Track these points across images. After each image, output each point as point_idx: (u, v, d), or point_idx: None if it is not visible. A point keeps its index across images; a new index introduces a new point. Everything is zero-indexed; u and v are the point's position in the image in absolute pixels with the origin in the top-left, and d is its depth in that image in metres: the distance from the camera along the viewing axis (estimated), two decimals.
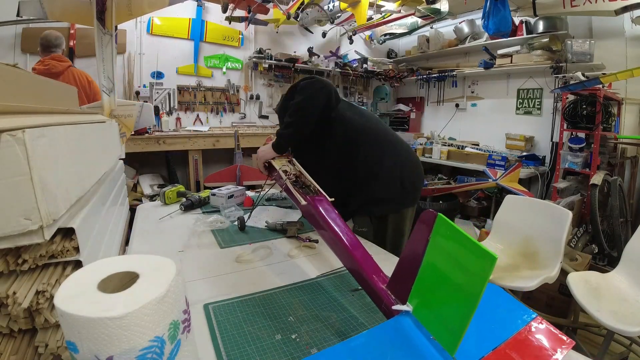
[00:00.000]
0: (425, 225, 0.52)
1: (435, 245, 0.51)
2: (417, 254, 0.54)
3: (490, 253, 0.42)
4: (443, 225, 0.50)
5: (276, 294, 0.87)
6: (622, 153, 3.08)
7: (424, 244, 0.52)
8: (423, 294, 0.54)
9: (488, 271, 0.42)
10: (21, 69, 0.87)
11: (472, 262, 0.44)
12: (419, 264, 0.54)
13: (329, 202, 0.96)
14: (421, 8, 3.44)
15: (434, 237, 0.51)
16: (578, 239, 2.51)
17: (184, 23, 3.87)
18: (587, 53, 2.99)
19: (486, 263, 0.42)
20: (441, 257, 0.51)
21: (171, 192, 1.65)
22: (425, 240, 0.52)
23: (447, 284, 0.49)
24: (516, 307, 0.60)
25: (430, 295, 0.53)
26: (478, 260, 0.43)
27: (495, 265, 0.42)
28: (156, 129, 3.59)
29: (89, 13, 1.79)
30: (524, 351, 0.51)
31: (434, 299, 0.52)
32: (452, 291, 0.48)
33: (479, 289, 0.43)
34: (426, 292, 0.54)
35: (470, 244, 0.45)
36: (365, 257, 0.74)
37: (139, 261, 0.48)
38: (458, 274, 0.47)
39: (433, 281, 0.52)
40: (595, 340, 1.89)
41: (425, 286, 0.54)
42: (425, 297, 0.54)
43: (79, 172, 0.79)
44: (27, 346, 0.61)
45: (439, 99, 4.60)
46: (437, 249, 0.51)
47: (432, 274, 0.52)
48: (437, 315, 0.51)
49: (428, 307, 0.53)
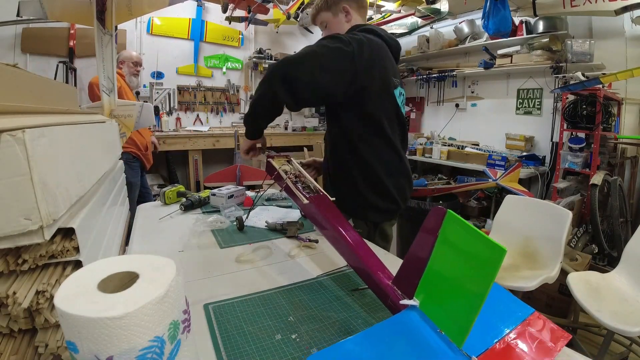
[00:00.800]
0: (434, 222, 0.54)
1: (444, 241, 0.53)
2: (425, 250, 0.55)
3: (499, 245, 0.43)
4: (453, 220, 0.51)
5: (276, 294, 0.87)
6: (622, 153, 3.08)
7: (432, 240, 0.54)
8: (430, 288, 0.56)
9: (498, 263, 0.43)
10: (21, 69, 0.87)
11: (481, 254, 0.46)
12: (426, 260, 0.55)
13: (330, 200, 0.96)
14: (421, 8, 3.44)
15: (443, 232, 0.52)
16: (578, 239, 2.51)
17: (184, 23, 3.88)
18: (587, 53, 2.99)
19: (496, 255, 0.44)
20: (450, 252, 0.52)
21: (171, 192, 1.65)
22: (434, 237, 0.53)
23: (455, 278, 0.51)
24: (515, 303, 0.61)
25: (438, 289, 0.55)
26: (488, 253, 0.45)
27: None
28: (156, 129, 3.59)
29: (89, 13, 1.79)
30: (525, 343, 0.53)
31: (442, 293, 0.54)
32: (460, 284, 0.50)
33: (488, 281, 0.44)
34: (433, 287, 0.55)
35: (480, 237, 0.46)
36: (369, 254, 0.75)
37: (139, 261, 0.48)
38: (467, 267, 0.49)
39: (441, 275, 0.54)
40: (595, 340, 1.89)
41: (433, 281, 0.55)
42: (433, 291, 0.55)
43: (79, 172, 0.79)
44: (27, 346, 0.61)
45: (439, 99, 4.60)
46: (445, 244, 0.53)
47: (440, 269, 0.54)
48: (445, 308, 0.52)
49: (435, 301, 0.55)
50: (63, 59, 3.27)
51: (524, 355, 0.51)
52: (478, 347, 0.51)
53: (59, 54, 3.29)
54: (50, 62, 3.22)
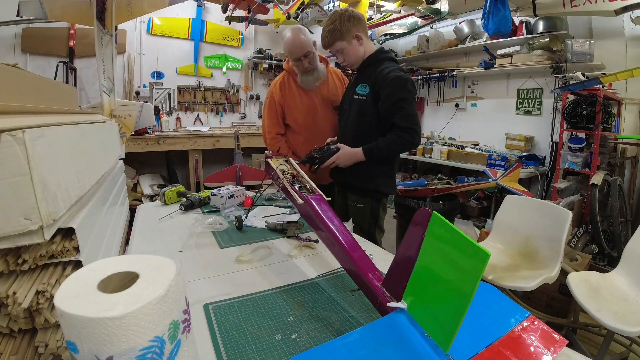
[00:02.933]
0: (420, 224, 0.53)
1: (430, 243, 0.52)
2: (411, 251, 0.54)
3: (483, 250, 0.42)
4: (437, 223, 0.50)
5: (276, 294, 0.87)
6: (622, 153, 3.08)
7: (418, 242, 0.53)
8: (418, 291, 0.55)
9: (481, 268, 0.42)
10: (21, 69, 0.87)
11: (465, 259, 0.45)
12: (413, 262, 0.54)
13: (325, 201, 0.96)
14: (421, 8, 3.44)
15: (429, 235, 0.52)
16: (578, 239, 2.51)
17: (184, 23, 3.88)
18: (587, 53, 2.99)
19: (479, 260, 0.43)
20: (436, 255, 0.51)
21: (171, 192, 1.65)
22: (420, 238, 0.53)
23: (441, 281, 0.50)
24: (510, 306, 0.60)
25: (425, 292, 0.54)
26: (471, 258, 0.44)
27: (495, 265, 0.42)
28: (156, 129, 3.59)
29: (89, 13, 1.79)
30: (516, 349, 0.52)
31: (429, 296, 0.53)
32: (445, 288, 0.49)
33: (472, 286, 0.43)
34: (421, 290, 0.54)
35: (463, 241, 0.45)
36: (360, 256, 0.75)
37: (139, 261, 0.48)
38: (452, 271, 0.48)
39: (427, 278, 0.53)
40: (595, 340, 1.89)
41: (420, 283, 0.54)
42: (420, 294, 0.54)
43: (79, 172, 0.79)
44: (27, 346, 0.61)
45: (439, 99, 4.60)
46: (431, 247, 0.52)
47: (427, 272, 0.53)
48: (431, 312, 0.51)
49: (422, 304, 0.54)
50: (63, 59, 3.27)
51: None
52: (466, 352, 0.50)
53: (59, 54, 3.29)
54: (50, 62, 3.22)
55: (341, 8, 1.56)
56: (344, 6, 3.44)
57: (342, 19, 1.51)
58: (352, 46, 1.55)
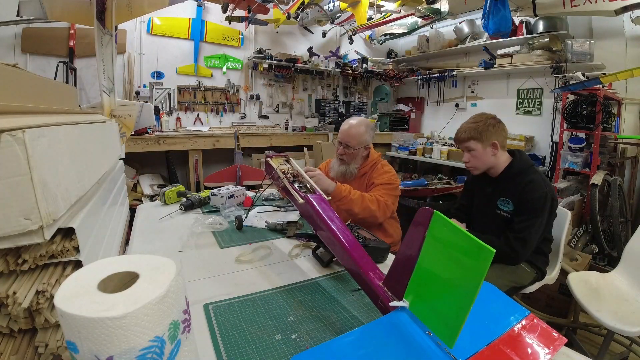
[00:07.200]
0: (422, 222, 0.53)
1: (431, 242, 0.52)
2: (413, 250, 0.55)
3: (487, 247, 0.43)
4: (439, 222, 0.51)
5: (276, 294, 0.87)
6: (622, 153, 3.08)
7: (420, 241, 0.53)
8: (419, 289, 0.55)
9: (485, 265, 0.43)
10: (21, 69, 0.87)
11: (469, 256, 0.45)
12: (415, 260, 0.54)
13: (325, 200, 0.96)
14: (421, 8, 3.44)
15: (430, 233, 0.52)
16: (578, 239, 2.51)
17: (184, 23, 3.87)
18: (587, 53, 2.99)
19: (483, 257, 0.43)
20: (438, 253, 0.51)
21: (171, 192, 1.65)
22: (422, 237, 0.53)
23: (444, 278, 0.50)
24: (509, 305, 0.61)
25: (427, 290, 0.54)
26: (475, 255, 0.44)
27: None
28: (156, 129, 3.58)
29: (89, 13, 1.79)
30: (516, 347, 0.52)
31: (431, 294, 0.53)
32: (449, 286, 0.49)
33: (476, 283, 0.44)
34: (423, 288, 0.55)
35: (466, 239, 0.46)
36: (361, 255, 0.75)
37: (139, 261, 0.48)
38: (455, 268, 0.48)
39: (430, 276, 0.53)
40: (595, 340, 1.89)
41: (422, 282, 0.54)
42: (422, 292, 0.55)
43: (79, 172, 0.79)
44: (27, 346, 0.61)
45: (439, 99, 4.60)
46: (433, 245, 0.52)
47: (429, 270, 0.53)
48: (434, 309, 0.52)
49: (425, 302, 0.54)
50: (63, 59, 3.27)
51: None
52: (467, 350, 0.50)
53: (59, 54, 3.28)
54: (50, 62, 3.22)
55: (491, 114, 1.52)
56: (344, 6, 3.44)
57: (488, 123, 1.48)
58: (485, 152, 1.49)
